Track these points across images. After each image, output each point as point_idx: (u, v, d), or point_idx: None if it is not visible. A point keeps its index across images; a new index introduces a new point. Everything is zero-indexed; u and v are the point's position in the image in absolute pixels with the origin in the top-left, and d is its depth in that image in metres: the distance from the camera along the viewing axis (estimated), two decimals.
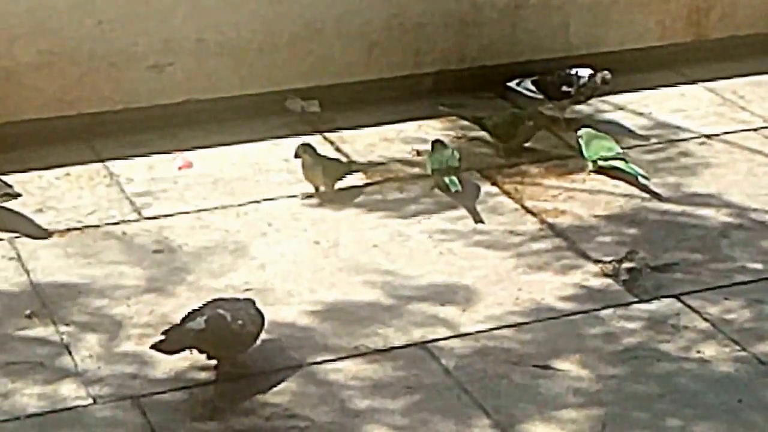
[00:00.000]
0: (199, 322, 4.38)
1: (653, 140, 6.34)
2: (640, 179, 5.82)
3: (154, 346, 4.37)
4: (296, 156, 5.72)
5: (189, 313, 4.47)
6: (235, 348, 4.48)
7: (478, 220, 5.52)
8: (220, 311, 4.43)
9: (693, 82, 6.97)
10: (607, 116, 6.60)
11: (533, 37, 6.84)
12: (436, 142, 5.96)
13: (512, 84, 6.57)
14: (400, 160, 6.10)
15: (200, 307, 4.49)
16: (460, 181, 5.69)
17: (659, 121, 6.55)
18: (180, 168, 5.99)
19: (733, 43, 7.22)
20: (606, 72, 6.37)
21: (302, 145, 5.75)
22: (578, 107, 6.57)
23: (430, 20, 6.65)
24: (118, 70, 6.20)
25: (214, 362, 4.47)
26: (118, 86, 6.22)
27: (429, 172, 5.85)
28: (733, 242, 5.38)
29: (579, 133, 6.07)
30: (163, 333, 4.40)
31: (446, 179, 5.70)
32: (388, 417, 4.28)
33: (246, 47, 6.39)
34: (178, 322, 4.46)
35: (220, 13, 6.30)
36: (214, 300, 4.56)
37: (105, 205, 5.64)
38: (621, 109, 6.67)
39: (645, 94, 6.82)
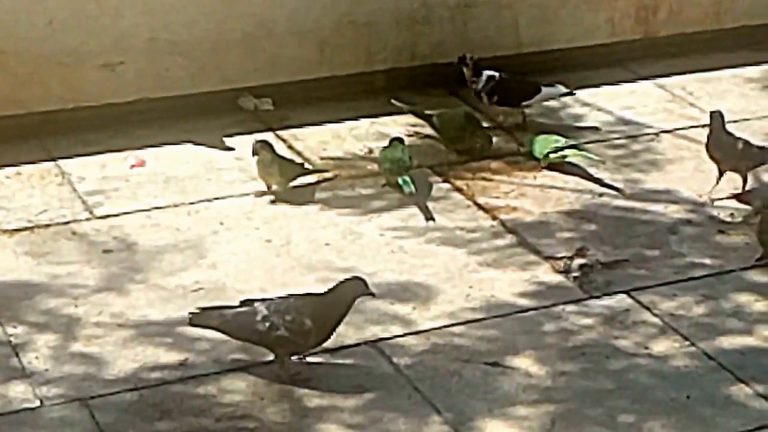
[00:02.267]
0: (230, 314, 4.42)
1: (604, 137, 6.37)
2: (592, 171, 5.87)
3: (190, 313, 4.45)
4: (254, 153, 5.69)
5: (250, 299, 4.50)
6: (264, 345, 4.43)
7: (429, 217, 5.53)
8: (259, 307, 4.42)
9: (643, 79, 7.01)
10: (560, 113, 6.63)
11: (484, 35, 6.86)
12: (394, 140, 5.95)
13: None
14: (352, 158, 6.10)
15: (263, 299, 4.49)
16: (413, 182, 5.69)
17: (609, 118, 6.59)
18: (132, 167, 5.96)
19: (681, 40, 7.27)
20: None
21: (259, 141, 5.73)
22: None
23: (382, 18, 6.66)
24: (69, 69, 6.17)
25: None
26: (69, 85, 6.18)
27: (381, 170, 5.85)
28: (683, 238, 5.42)
29: (527, 138, 6.11)
30: (200, 309, 4.47)
31: (399, 180, 5.70)
32: (339, 416, 4.28)
33: (198, 45, 6.37)
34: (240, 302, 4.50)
35: (171, 11, 6.28)
36: (290, 295, 4.52)
37: (56, 204, 5.61)
38: (574, 105, 6.70)
39: (595, 91, 6.86)
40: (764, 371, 4.54)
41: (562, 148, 5.96)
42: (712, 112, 5.79)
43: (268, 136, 6.11)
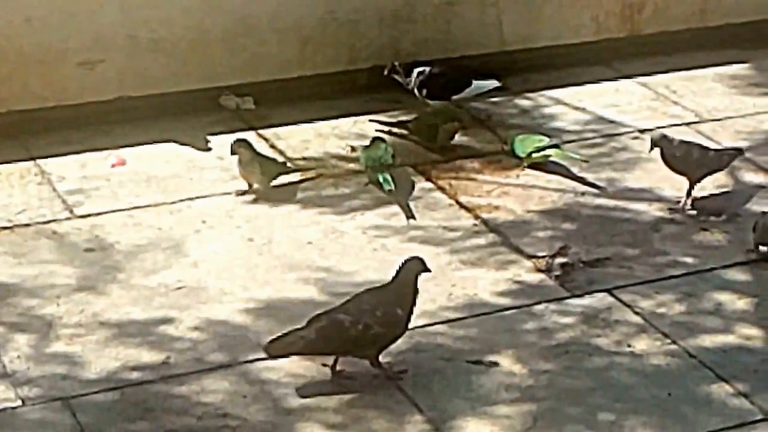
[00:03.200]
0: (311, 332, 4.33)
1: (587, 135, 6.37)
2: (574, 170, 5.86)
3: (265, 347, 4.37)
4: (232, 152, 5.68)
5: (316, 315, 4.41)
6: (359, 350, 4.39)
7: (410, 216, 5.52)
8: (340, 316, 4.36)
9: (627, 77, 7.01)
10: (544, 111, 6.62)
11: (467, 32, 6.85)
12: (376, 139, 5.95)
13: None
14: (334, 156, 6.09)
15: (331, 310, 4.42)
16: (393, 180, 5.68)
17: (593, 116, 6.58)
18: (113, 166, 5.94)
19: (666, 38, 7.27)
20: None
21: (238, 140, 5.72)
22: (513, 102, 6.63)
23: (365, 16, 6.65)
24: (48, 67, 6.14)
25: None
26: (48, 83, 6.16)
27: (363, 168, 5.84)
28: (665, 236, 5.42)
29: (510, 137, 6.10)
30: (272, 340, 4.38)
31: (380, 178, 5.70)
32: (322, 415, 4.28)
33: (179, 43, 6.35)
34: (305, 323, 4.40)
35: (151, 9, 6.26)
36: (357, 295, 4.48)
37: (36, 204, 5.59)
38: (557, 103, 6.70)
39: (579, 89, 6.86)
40: (744, 369, 4.54)
41: (545, 148, 5.95)
42: (652, 139, 5.65)
43: (250, 135, 6.10)
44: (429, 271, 4.51)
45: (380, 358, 4.43)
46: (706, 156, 5.67)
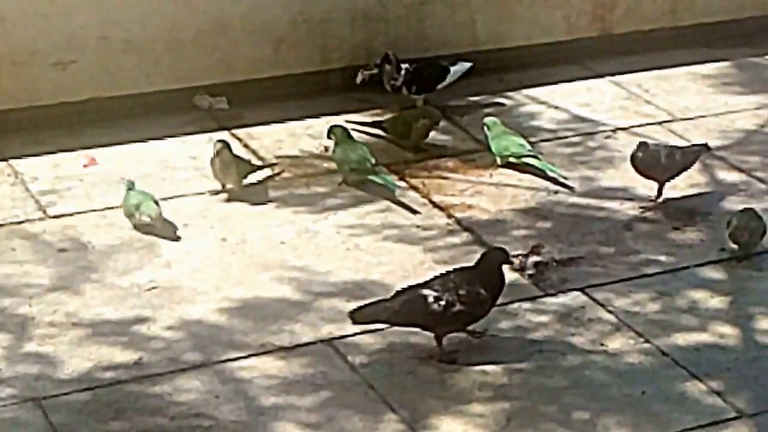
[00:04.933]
0: (395, 304, 4.48)
1: (561, 134, 6.38)
2: (549, 173, 5.87)
3: (351, 314, 4.52)
4: (217, 153, 5.62)
5: (402, 289, 4.56)
6: (441, 325, 4.51)
7: (415, 211, 5.54)
8: (425, 291, 4.48)
9: (599, 77, 7.02)
10: (518, 110, 6.63)
11: (440, 32, 6.85)
12: (334, 129, 5.89)
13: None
14: (308, 156, 6.08)
15: (418, 284, 4.56)
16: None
17: (567, 116, 6.59)
18: (85, 166, 5.92)
19: (638, 37, 7.29)
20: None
21: (221, 141, 5.68)
22: (488, 101, 6.67)
23: (337, 16, 6.64)
24: (21, 67, 6.11)
25: None
26: (21, 84, 6.13)
27: (346, 169, 5.79)
28: (638, 235, 5.44)
29: (485, 121, 6.08)
30: (357, 308, 4.53)
31: (378, 179, 5.67)
32: (295, 414, 4.28)
33: (152, 44, 6.33)
34: (394, 293, 4.54)
35: (124, 9, 6.24)
36: (445, 273, 4.60)
37: (9, 204, 5.57)
38: (530, 102, 6.71)
39: (552, 88, 6.87)
40: (718, 367, 4.56)
41: (524, 156, 5.92)
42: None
43: (223, 135, 6.09)
44: (510, 263, 4.69)
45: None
46: (672, 159, 5.66)
